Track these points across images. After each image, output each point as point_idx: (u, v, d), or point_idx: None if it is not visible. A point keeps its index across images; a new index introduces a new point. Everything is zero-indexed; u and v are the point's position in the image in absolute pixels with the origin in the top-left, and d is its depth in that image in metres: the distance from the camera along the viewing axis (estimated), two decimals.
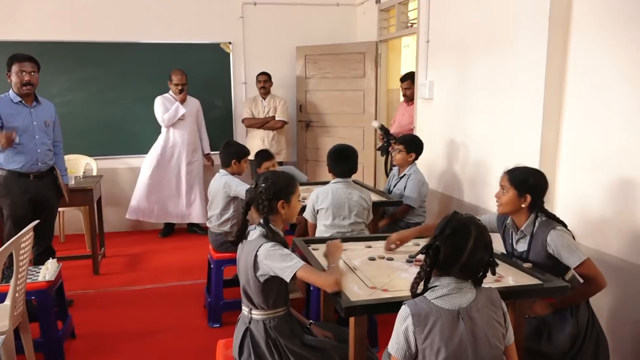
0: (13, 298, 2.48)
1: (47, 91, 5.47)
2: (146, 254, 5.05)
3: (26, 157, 3.49)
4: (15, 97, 3.48)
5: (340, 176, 3.17)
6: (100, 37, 5.58)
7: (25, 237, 2.53)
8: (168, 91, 5.43)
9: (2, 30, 5.32)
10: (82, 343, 3.24)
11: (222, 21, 5.86)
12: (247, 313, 2.12)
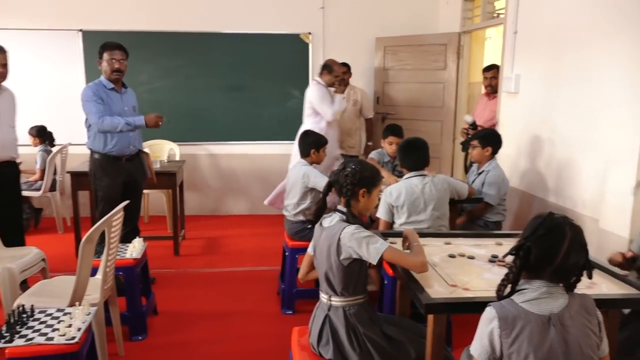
0: (104, 272, 2.64)
1: (136, 79, 5.77)
2: (224, 238, 5.21)
3: (120, 141, 3.69)
4: (108, 83, 3.68)
5: (412, 169, 3.11)
6: (186, 28, 5.79)
7: (116, 216, 2.68)
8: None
9: (97, 21, 5.65)
10: (163, 319, 3.40)
11: (302, 12, 5.91)
12: (327, 300, 2.13)
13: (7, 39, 4.04)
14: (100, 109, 3.55)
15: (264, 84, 5.96)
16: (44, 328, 2.14)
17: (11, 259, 3.05)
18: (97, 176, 3.72)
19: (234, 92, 5.96)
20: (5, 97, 3.49)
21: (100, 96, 3.59)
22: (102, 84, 3.68)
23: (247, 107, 6.01)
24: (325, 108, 4.69)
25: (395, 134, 4.15)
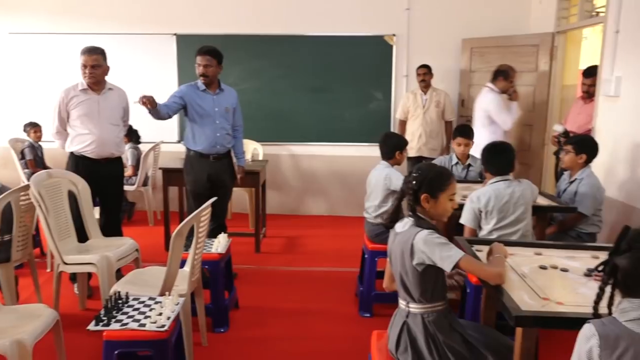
0: (192, 265, 2.75)
1: (225, 80, 5.92)
2: (303, 237, 5.29)
3: (207, 139, 3.85)
4: (201, 85, 3.86)
5: (497, 173, 2.99)
6: (272, 31, 5.93)
7: (205, 212, 2.79)
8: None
9: (190, 25, 5.93)
10: (244, 313, 3.50)
11: (387, 13, 5.87)
12: (404, 306, 2.09)
13: (109, 43, 4.33)
14: (169, 101, 3.77)
15: (346, 85, 5.98)
16: (137, 314, 2.27)
17: (109, 248, 3.27)
18: (186, 171, 3.93)
19: (316, 94, 6.03)
20: (111, 96, 3.71)
21: (181, 95, 3.80)
22: (197, 85, 3.88)
23: (328, 109, 6.06)
24: (504, 117, 4.60)
25: (463, 135, 4.03)
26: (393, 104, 5.98)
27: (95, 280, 3.72)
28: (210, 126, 3.86)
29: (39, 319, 2.37)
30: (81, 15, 6.03)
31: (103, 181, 3.69)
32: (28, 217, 3.34)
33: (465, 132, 4.06)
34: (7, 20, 6.14)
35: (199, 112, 3.82)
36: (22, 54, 6.18)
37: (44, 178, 3.21)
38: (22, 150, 5.74)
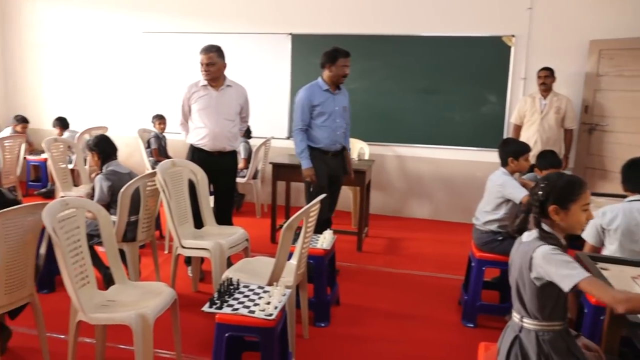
0: (299, 258, 2.83)
1: None
2: (405, 240, 5.23)
3: (328, 137, 3.99)
4: (324, 85, 3.99)
5: (635, 191, 2.73)
6: (384, 31, 5.92)
7: (314, 207, 2.85)
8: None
9: (305, 25, 6.09)
10: (344, 311, 3.54)
11: (506, 13, 5.61)
12: (518, 320, 1.99)
13: (230, 41, 4.55)
14: (303, 119, 3.93)
15: (458, 87, 5.82)
16: (247, 301, 2.37)
17: (222, 236, 3.45)
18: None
19: (425, 95, 5.93)
20: (228, 93, 3.91)
21: (312, 104, 3.92)
22: (319, 85, 4.00)
23: (438, 111, 5.93)
24: None
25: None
26: (508, 107, 5.71)
27: (207, 265, 3.96)
28: (332, 124, 3.99)
29: (160, 296, 2.56)
30: (206, 15, 6.43)
31: (216, 173, 3.89)
32: (152, 202, 3.63)
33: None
34: (141, 20, 6.70)
35: (320, 111, 3.95)
36: (153, 52, 6.72)
37: (169, 166, 3.46)
38: (149, 140, 6.25)
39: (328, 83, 3.97)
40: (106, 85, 7.01)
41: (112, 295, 2.62)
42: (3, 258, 2.40)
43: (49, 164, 5.57)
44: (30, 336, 2.95)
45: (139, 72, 6.81)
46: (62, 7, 7.02)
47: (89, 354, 2.78)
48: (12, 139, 5.76)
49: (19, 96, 7.40)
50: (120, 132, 6.72)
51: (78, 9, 6.96)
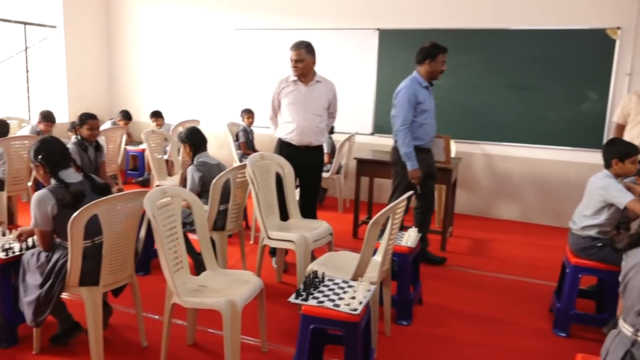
0: (384, 255, 2.81)
1: None
2: (491, 241, 5.05)
3: (429, 134, 4.04)
4: (423, 81, 3.99)
5: None
6: (474, 25, 5.72)
7: (401, 204, 2.82)
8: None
9: (392, 20, 6.02)
10: (427, 310, 3.48)
11: (612, 4, 5.23)
12: (631, 334, 1.84)
13: (318, 37, 4.59)
14: (408, 117, 3.91)
15: (553, 83, 5.51)
16: (332, 295, 2.39)
17: (307, 229, 3.51)
18: (404, 165, 4.00)
19: (516, 91, 5.67)
20: (317, 88, 3.95)
21: (417, 101, 3.92)
22: (418, 81, 3.99)
23: (530, 108, 5.65)
24: None
25: None
26: (610, 105, 5.33)
27: (290, 257, 4.05)
28: (432, 121, 4.04)
29: (248, 285, 2.65)
30: (295, 12, 6.53)
31: (302, 167, 3.95)
32: (241, 193, 3.76)
33: None
34: (233, 17, 6.94)
35: (423, 108, 3.96)
36: (243, 48, 6.93)
37: (258, 159, 3.56)
38: (237, 133, 6.47)
39: (425, 79, 3.96)
40: (199, 80, 7.34)
41: (203, 281, 2.74)
42: (109, 240, 2.59)
43: (147, 154, 5.93)
44: (128, 314, 3.16)
45: (230, 68, 7.05)
46: (159, 6, 7.42)
47: (181, 334, 2.93)
48: (115, 130, 6.18)
49: (120, 91, 7.92)
50: (210, 126, 7.02)
51: (173, 7, 7.32)
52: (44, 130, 5.44)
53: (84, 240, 2.53)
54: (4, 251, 2.79)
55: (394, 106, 4.05)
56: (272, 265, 4.04)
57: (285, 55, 4.00)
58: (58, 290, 2.59)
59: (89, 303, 2.60)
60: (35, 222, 2.57)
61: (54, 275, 2.57)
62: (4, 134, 4.77)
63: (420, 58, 3.97)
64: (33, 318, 2.61)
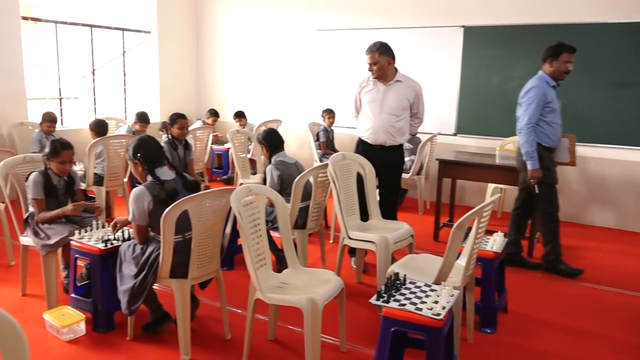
0: (468, 259, 2.73)
1: (511, 73, 5.74)
2: (583, 249, 4.76)
3: (557, 134, 3.97)
4: (551, 80, 3.93)
5: None
6: (563, 19, 5.42)
7: (488, 207, 2.72)
8: None
9: (478, 17, 5.82)
10: (512, 318, 3.33)
11: None
12: None
13: (399, 36, 4.53)
14: (534, 117, 3.87)
15: None
16: (414, 298, 2.35)
17: (387, 230, 3.47)
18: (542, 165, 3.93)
19: (615, 89, 5.30)
20: (396, 88, 3.89)
21: (546, 100, 3.86)
22: (546, 80, 3.93)
23: (629, 107, 5.27)
24: None
25: None
26: None
27: (369, 258, 4.03)
28: (559, 121, 3.97)
29: (329, 284, 2.67)
30: (377, 11, 6.50)
31: (379, 167, 3.90)
32: (321, 193, 3.79)
33: None
34: (315, 18, 7.03)
35: (552, 107, 3.90)
36: (325, 48, 7.00)
37: (340, 159, 3.58)
38: (318, 133, 6.54)
39: (551, 78, 3.92)
40: (281, 81, 7.50)
41: (285, 278, 2.79)
42: (197, 235, 2.71)
43: (231, 153, 6.14)
44: (213, 307, 3.29)
45: (311, 68, 7.15)
46: (244, 10, 7.66)
47: (262, 329, 3.01)
48: (202, 129, 6.45)
49: (207, 92, 8.27)
50: (291, 125, 7.16)
51: (257, 11, 7.53)
52: (139, 130, 5.79)
53: (175, 235, 2.66)
54: (103, 242, 2.99)
55: (520, 105, 4.00)
56: (352, 265, 4.04)
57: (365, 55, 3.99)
58: (151, 281, 2.74)
59: (178, 294, 2.73)
60: (132, 217, 2.74)
61: (147, 267, 2.73)
62: (103, 133, 5.12)
63: (544, 56, 3.94)
64: (127, 306, 2.77)
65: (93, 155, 4.73)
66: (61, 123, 6.57)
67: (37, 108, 6.06)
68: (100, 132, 5.10)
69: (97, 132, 5.08)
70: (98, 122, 5.18)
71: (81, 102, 7.09)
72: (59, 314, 2.99)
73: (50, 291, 3.22)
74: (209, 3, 7.99)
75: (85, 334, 2.98)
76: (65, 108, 6.79)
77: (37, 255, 3.31)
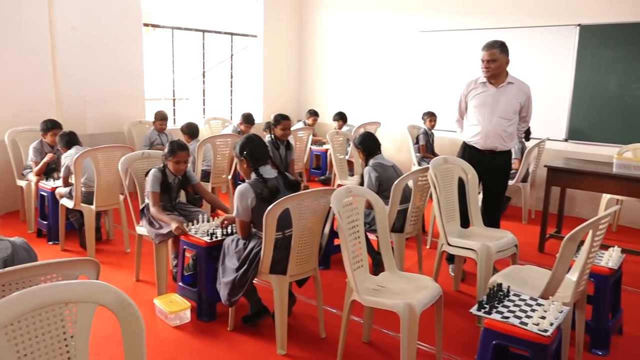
0: (580, 275, 2.53)
1: (632, 76, 5.29)
2: None
3: None
4: None
5: None
6: None
7: (605, 219, 2.51)
8: None
9: (596, 15, 5.41)
10: (627, 342, 3.06)
11: None
12: None
13: (507, 36, 4.31)
14: None
15: None
16: (518, 311, 2.23)
17: (489, 238, 3.33)
18: None
19: None
20: (508, 90, 3.70)
21: None
22: None
23: None
24: None
25: None
26: None
27: (468, 266, 3.89)
28: None
29: (426, 290, 2.60)
30: (483, 11, 6.27)
31: (486, 172, 3.75)
32: (420, 197, 3.72)
33: None
34: (418, 19, 6.92)
35: None
36: (428, 50, 6.87)
37: (441, 163, 3.49)
38: (417, 136, 6.44)
39: None
40: (381, 83, 7.46)
41: (382, 281, 2.77)
42: (297, 233, 2.77)
43: (330, 154, 6.22)
44: (309, 305, 3.35)
45: (413, 70, 7.04)
46: (346, 13, 7.72)
47: (357, 331, 3.01)
48: (304, 130, 6.59)
49: (308, 94, 8.44)
50: (390, 128, 7.10)
51: (360, 13, 7.55)
52: (244, 131, 6.03)
53: (276, 232, 2.74)
54: (208, 236, 3.15)
55: None
56: (449, 272, 3.93)
57: (471, 56, 3.86)
58: (251, 276, 2.84)
59: (277, 290, 2.80)
60: (237, 213, 2.86)
61: (248, 261, 2.83)
62: (195, 135, 5.37)
63: None
64: (228, 298, 2.90)
65: (201, 153, 5.00)
66: (173, 122, 7.02)
67: (152, 108, 6.52)
68: (192, 134, 5.36)
69: (190, 134, 5.35)
70: (190, 125, 5.44)
71: (191, 102, 7.53)
72: (167, 301, 3.20)
73: (161, 278, 3.45)
74: (313, 8, 8.15)
75: (190, 321, 3.15)
76: (177, 108, 7.25)
77: (150, 245, 3.56)
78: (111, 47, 5.90)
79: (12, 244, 1.85)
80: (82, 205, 4.13)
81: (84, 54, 5.62)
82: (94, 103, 5.83)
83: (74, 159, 3.99)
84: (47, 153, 4.64)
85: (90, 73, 5.72)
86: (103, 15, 5.77)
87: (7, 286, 1.61)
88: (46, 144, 4.69)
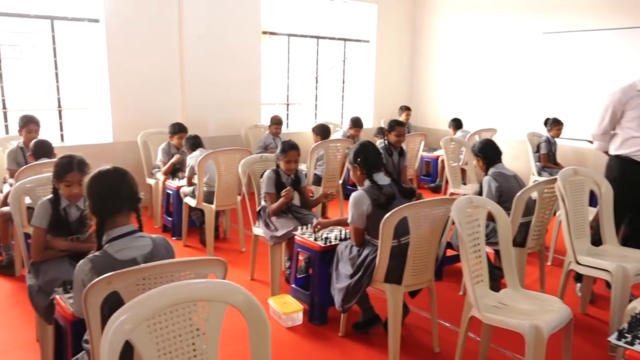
0: None
1: None
2: None
3: None
4: None
5: None
6: None
7: None
8: None
9: None
10: None
11: None
12: None
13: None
14: None
15: None
16: None
17: (626, 259, 3.02)
18: None
19: None
20: None
21: None
22: None
23: None
24: None
25: None
26: None
27: (597, 287, 3.57)
28: None
29: (554, 312, 2.41)
30: (614, 10, 5.72)
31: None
32: (545, 210, 3.46)
33: None
34: (541, 21, 6.50)
35: None
36: (552, 53, 6.43)
37: (570, 174, 3.23)
38: (539, 144, 6.04)
39: None
40: (498, 87, 7.12)
41: (503, 298, 2.61)
42: (414, 242, 2.70)
43: (441, 161, 6.03)
44: (422, 317, 3.25)
45: (536, 74, 6.64)
46: (463, 16, 7.46)
47: (473, 348, 2.86)
48: (414, 137, 6.46)
49: (420, 99, 8.27)
50: (507, 135, 6.75)
51: (477, 16, 7.26)
52: (354, 135, 6.04)
53: (392, 240, 2.69)
54: (322, 240, 3.17)
55: None
56: (576, 292, 3.62)
57: (600, 59, 3.52)
58: (365, 283, 2.81)
59: (391, 299, 2.75)
60: (352, 219, 2.85)
61: (363, 269, 2.81)
62: (326, 136, 5.41)
63: None
64: (341, 304, 2.89)
65: (314, 157, 5.08)
66: (286, 126, 7.22)
67: (266, 112, 6.76)
68: (324, 135, 5.44)
69: (321, 135, 5.43)
70: (322, 126, 5.53)
71: (303, 107, 7.70)
72: (281, 301, 3.27)
73: (275, 279, 3.54)
74: (427, 13, 7.99)
75: (302, 323, 3.20)
76: (290, 113, 7.45)
77: (264, 245, 3.66)
78: (232, 55, 6.20)
79: (153, 241, 1.99)
80: (204, 204, 4.37)
81: (208, 62, 5.96)
82: (215, 108, 6.15)
83: (198, 161, 4.23)
84: (174, 154, 4.97)
85: (213, 79, 6.05)
86: (226, 24, 6.08)
87: (146, 280, 1.72)
88: (173, 145, 5.04)
